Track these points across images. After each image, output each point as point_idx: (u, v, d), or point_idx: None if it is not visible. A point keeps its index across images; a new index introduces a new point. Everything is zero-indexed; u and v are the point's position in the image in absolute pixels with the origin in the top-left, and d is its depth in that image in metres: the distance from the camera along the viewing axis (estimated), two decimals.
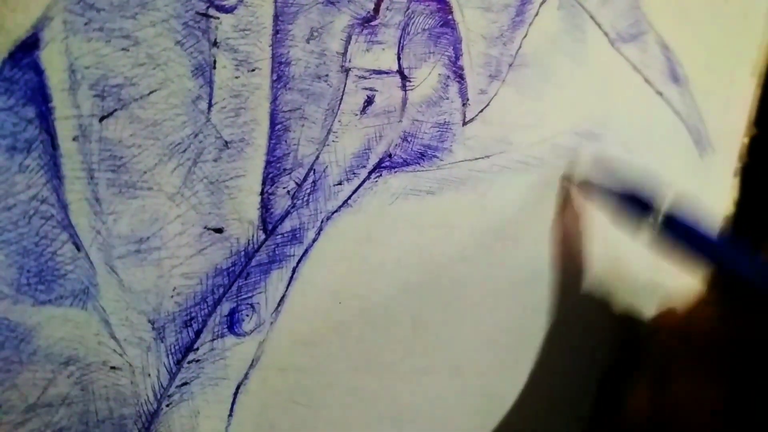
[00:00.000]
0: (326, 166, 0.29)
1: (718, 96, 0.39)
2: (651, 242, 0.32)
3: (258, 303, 0.28)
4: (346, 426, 0.31)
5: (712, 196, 0.40)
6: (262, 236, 0.28)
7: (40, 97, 0.24)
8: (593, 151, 0.35)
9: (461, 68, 0.31)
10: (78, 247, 0.25)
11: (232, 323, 0.28)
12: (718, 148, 0.39)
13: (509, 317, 0.34)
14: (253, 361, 0.28)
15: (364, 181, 0.30)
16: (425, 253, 0.32)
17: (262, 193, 0.28)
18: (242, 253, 0.28)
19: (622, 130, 0.36)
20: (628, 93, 0.36)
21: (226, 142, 0.27)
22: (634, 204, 0.33)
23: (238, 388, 0.28)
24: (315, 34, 0.28)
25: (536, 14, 0.33)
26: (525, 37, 0.33)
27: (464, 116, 0.32)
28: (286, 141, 0.28)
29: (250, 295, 0.28)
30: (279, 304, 0.29)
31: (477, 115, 0.32)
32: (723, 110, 0.40)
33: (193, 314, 0.27)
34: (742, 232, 0.41)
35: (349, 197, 0.30)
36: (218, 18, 0.26)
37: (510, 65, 0.32)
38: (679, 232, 0.32)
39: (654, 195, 0.32)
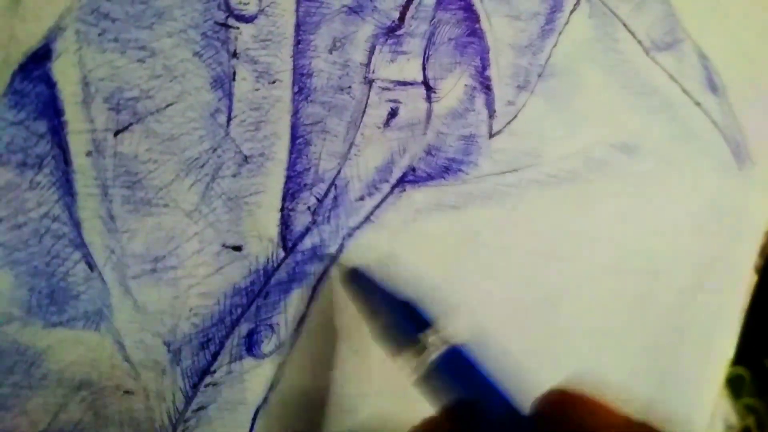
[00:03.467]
0: (348, 181, 0.28)
1: (757, 106, 0.38)
2: (416, 370, 0.24)
3: (277, 323, 0.27)
4: None
5: (752, 211, 0.38)
6: (282, 254, 0.27)
7: (52, 110, 0.23)
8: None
9: (488, 79, 0.30)
10: (91, 266, 0.24)
11: (251, 345, 0.27)
12: (757, 161, 0.38)
13: (537, 337, 0.33)
14: (272, 384, 0.27)
15: (387, 196, 0.29)
16: (451, 271, 0.31)
17: (282, 210, 0.27)
18: (261, 271, 0.27)
19: (658, 142, 0.34)
20: (663, 103, 0.34)
21: (246, 157, 0.26)
22: (408, 318, 0.25)
23: (257, 412, 0.27)
24: (338, 44, 0.27)
25: (566, 22, 0.31)
26: (555, 46, 0.31)
27: (491, 128, 0.30)
28: (307, 155, 0.27)
29: (269, 315, 0.27)
30: (299, 325, 0.28)
31: (504, 127, 0.31)
32: (762, 121, 0.38)
33: (211, 336, 0.26)
34: None
35: (372, 213, 0.29)
36: (238, 28, 0.25)
37: (539, 75, 0.31)
38: (459, 366, 0.24)
39: (436, 311, 0.25)
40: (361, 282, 0.27)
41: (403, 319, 0.25)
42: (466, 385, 0.23)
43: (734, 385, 0.46)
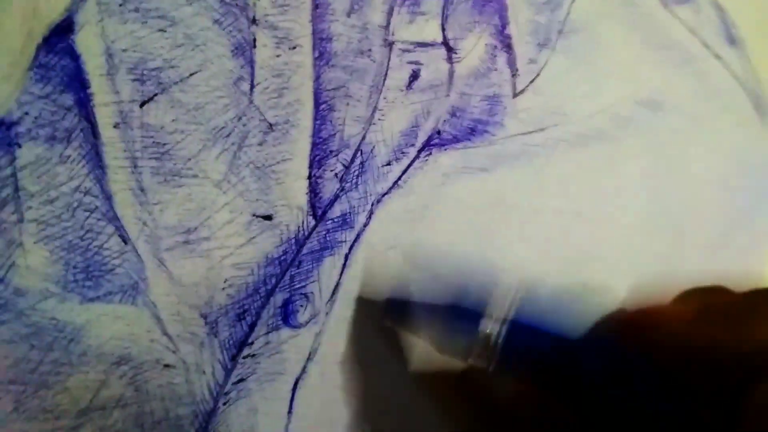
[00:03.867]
0: (373, 146, 0.28)
1: None
2: (490, 360, 0.23)
3: (312, 292, 0.27)
4: (409, 418, 0.29)
5: None
6: (312, 222, 0.27)
7: (77, 83, 0.22)
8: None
9: (509, 37, 0.30)
10: (125, 239, 0.24)
11: (287, 315, 0.26)
12: None
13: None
14: (310, 353, 0.27)
15: (413, 161, 0.28)
16: (481, 235, 0.30)
17: (309, 177, 0.26)
18: (293, 240, 0.26)
19: (682, 98, 0.34)
20: (684, 58, 0.34)
21: (271, 125, 0.26)
22: (461, 318, 0.24)
23: (296, 383, 0.27)
24: (356, 7, 0.27)
25: None
26: (573, 1, 0.31)
27: (515, 88, 0.30)
28: (331, 121, 0.27)
29: (303, 284, 0.27)
30: (333, 293, 0.27)
31: (528, 86, 0.30)
32: None
33: (246, 307, 0.26)
34: None
35: (399, 178, 0.28)
36: None
37: (559, 32, 0.31)
38: (527, 341, 0.23)
39: (487, 299, 0.24)
40: (399, 309, 0.26)
41: (456, 323, 0.24)
42: (539, 348, 0.23)
43: None
